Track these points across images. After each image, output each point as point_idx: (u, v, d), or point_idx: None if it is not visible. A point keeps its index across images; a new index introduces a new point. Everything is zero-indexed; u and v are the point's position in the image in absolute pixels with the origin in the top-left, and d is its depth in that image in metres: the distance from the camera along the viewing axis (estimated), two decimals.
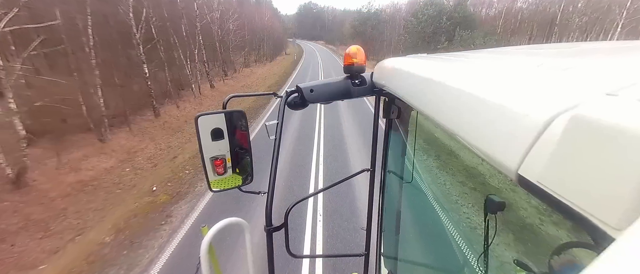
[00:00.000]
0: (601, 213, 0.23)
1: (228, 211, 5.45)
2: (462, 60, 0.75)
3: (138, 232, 5.20)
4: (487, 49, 1.06)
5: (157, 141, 10.42)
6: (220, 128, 1.04)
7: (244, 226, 1.22)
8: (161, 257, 4.49)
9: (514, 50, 0.87)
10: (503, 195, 0.85)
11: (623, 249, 0.19)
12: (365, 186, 1.33)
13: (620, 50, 0.71)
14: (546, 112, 0.30)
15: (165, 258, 4.47)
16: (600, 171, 0.24)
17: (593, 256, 0.21)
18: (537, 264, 0.73)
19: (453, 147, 1.19)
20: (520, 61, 0.68)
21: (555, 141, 0.28)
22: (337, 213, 5.24)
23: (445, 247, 1.19)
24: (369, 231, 1.37)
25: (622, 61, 0.55)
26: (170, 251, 4.61)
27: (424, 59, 0.84)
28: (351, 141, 8.95)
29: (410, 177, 1.19)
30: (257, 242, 3.83)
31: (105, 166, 8.25)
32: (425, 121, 0.97)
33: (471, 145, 0.41)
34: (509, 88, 0.41)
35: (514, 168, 0.32)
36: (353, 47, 1.00)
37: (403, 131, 1.11)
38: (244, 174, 1.12)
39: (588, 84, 0.36)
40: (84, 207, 6.34)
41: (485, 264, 0.86)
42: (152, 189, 6.76)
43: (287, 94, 1.02)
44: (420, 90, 0.65)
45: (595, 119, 0.25)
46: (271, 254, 1.02)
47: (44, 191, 6.81)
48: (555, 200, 0.27)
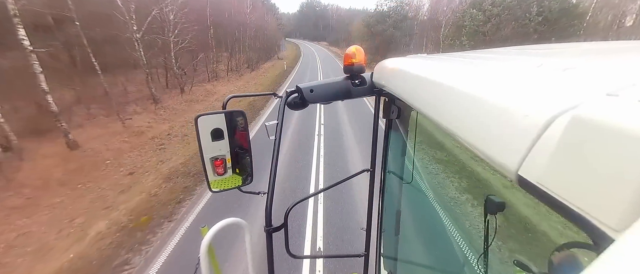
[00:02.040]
0: (601, 214, 0.23)
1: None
2: (462, 61, 0.75)
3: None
4: (487, 49, 1.06)
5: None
6: (220, 128, 1.04)
7: (243, 226, 1.22)
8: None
9: (514, 51, 0.87)
10: (503, 195, 0.85)
11: (623, 250, 0.19)
12: (365, 187, 1.33)
13: (620, 50, 0.71)
14: (546, 113, 0.30)
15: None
16: (600, 172, 0.24)
17: (593, 256, 0.21)
18: (536, 264, 0.74)
19: (453, 148, 1.19)
20: (520, 61, 0.68)
21: (555, 142, 0.28)
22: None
23: (446, 247, 1.19)
24: (369, 232, 1.37)
25: (622, 61, 0.55)
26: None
27: (424, 59, 0.84)
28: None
29: (410, 178, 1.19)
30: (257, 242, 3.83)
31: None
32: (425, 121, 0.97)
33: (471, 145, 0.41)
34: (509, 88, 0.41)
35: (514, 169, 0.32)
36: (353, 47, 1.01)
37: (403, 131, 1.11)
38: (244, 175, 1.12)
39: (588, 85, 0.36)
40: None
41: (485, 264, 0.86)
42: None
43: (287, 94, 1.02)
44: (420, 90, 0.65)
45: (595, 120, 0.25)
46: (271, 255, 1.02)
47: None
48: (555, 201, 0.27)
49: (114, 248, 4.72)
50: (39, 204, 6.36)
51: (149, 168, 7.89)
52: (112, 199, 6.44)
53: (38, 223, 5.76)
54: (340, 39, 64.18)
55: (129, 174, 7.66)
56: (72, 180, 7.35)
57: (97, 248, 4.77)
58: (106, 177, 7.56)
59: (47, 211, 6.17)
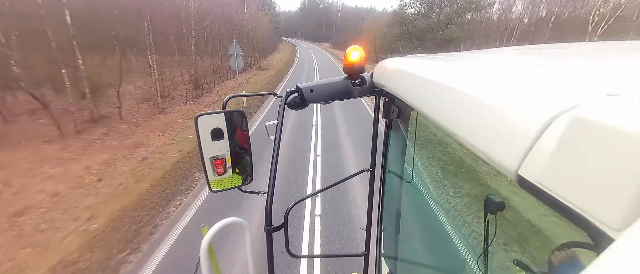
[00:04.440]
0: (601, 214, 0.24)
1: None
2: (462, 61, 0.75)
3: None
4: (487, 49, 1.06)
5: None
6: (220, 128, 1.04)
7: (243, 226, 1.22)
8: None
9: (514, 51, 0.87)
10: (503, 195, 0.85)
11: (622, 250, 0.19)
12: (364, 187, 1.32)
13: (620, 50, 0.71)
14: (546, 113, 0.30)
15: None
16: (600, 172, 0.24)
17: (593, 256, 0.21)
18: (536, 264, 0.74)
19: (453, 148, 1.19)
20: (521, 61, 0.68)
21: (555, 142, 0.28)
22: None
23: (445, 247, 1.19)
24: (369, 231, 1.37)
25: (622, 61, 0.55)
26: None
27: (424, 59, 0.84)
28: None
29: (410, 178, 1.19)
30: (257, 242, 3.83)
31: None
32: (425, 121, 0.97)
33: (471, 145, 0.41)
34: (509, 88, 0.41)
35: (514, 169, 0.32)
36: (353, 47, 1.01)
37: (403, 131, 1.11)
38: (244, 174, 1.12)
39: (588, 85, 0.36)
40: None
41: (485, 264, 0.86)
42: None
43: (287, 94, 1.02)
44: (420, 90, 0.65)
45: (595, 120, 0.25)
46: (271, 255, 1.02)
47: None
48: (555, 200, 0.27)
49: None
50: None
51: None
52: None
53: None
54: (347, 40, 42.30)
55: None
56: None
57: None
58: None
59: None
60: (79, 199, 6.01)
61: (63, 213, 5.55)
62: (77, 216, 5.41)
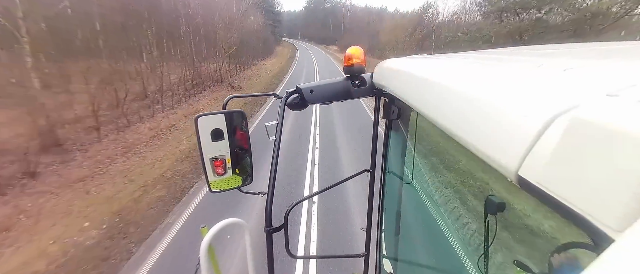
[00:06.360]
0: (601, 214, 0.23)
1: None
2: (462, 61, 0.75)
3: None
4: (487, 49, 1.06)
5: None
6: (220, 129, 1.04)
7: (243, 226, 1.22)
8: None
9: (514, 51, 0.87)
10: (503, 196, 0.85)
11: (622, 250, 0.19)
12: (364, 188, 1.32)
13: (620, 51, 0.71)
14: (546, 113, 0.30)
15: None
16: (600, 172, 0.24)
17: (593, 257, 0.21)
18: (537, 264, 0.73)
19: (453, 148, 1.19)
20: (520, 62, 0.68)
21: (555, 142, 0.28)
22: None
23: (445, 248, 1.19)
24: (369, 232, 1.37)
25: (622, 62, 0.55)
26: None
27: (424, 60, 0.84)
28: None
29: (410, 178, 1.19)
30: (257, 242, 3.83)
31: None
32: (425, 121, 0.97)
33: (471, 146, 0.41)
34: (509, 89, 0.41)
35: (514, 169, 0.32)
36: (353, 47, 1.01)
37: (403, 132, 1.11)
38: (244, 175, 1.12)
39: (588, 85, 0.36)
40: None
41: (486, 265, 0.86)
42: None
43: (287, 94, 1.02)
44: (420, 91, 0.65)
45: (595, 120, 0.25)
46: (271, 255, 1.02)
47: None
48: (555, 201, 0.27)
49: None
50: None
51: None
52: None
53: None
54: (358, 44, 33.37)
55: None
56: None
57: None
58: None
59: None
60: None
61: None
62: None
